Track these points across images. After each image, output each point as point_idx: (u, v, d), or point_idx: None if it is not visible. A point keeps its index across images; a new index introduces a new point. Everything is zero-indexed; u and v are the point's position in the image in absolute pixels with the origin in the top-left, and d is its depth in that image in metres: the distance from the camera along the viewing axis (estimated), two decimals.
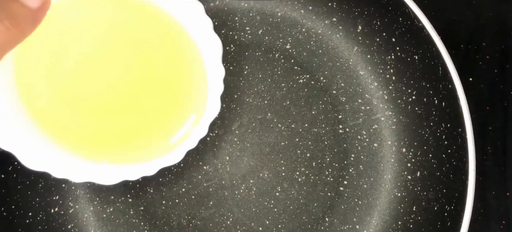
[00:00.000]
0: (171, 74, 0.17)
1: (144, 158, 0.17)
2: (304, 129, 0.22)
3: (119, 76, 0.17)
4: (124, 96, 0.17)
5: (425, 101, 0.21)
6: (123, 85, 0.17)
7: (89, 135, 0.17)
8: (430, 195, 0.20)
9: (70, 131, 0.17)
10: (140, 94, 0.17)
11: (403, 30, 0.20)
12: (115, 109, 0.17)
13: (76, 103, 0.16)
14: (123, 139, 0.17)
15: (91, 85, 0.16)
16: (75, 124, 0.16)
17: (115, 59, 0.16)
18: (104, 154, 0.17)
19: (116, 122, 0.17)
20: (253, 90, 0.22)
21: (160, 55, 0.17)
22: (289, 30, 0.22)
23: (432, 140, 0.21)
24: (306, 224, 0.21)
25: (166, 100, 0.17)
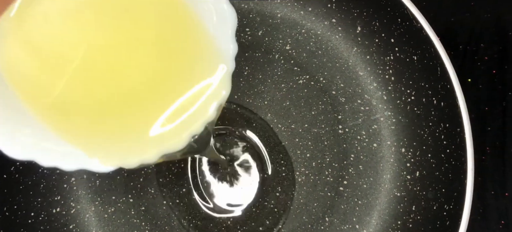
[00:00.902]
0: (176, 48, 0.15)
1: (146, 143, 0.14)
2: (304, 129, 0.22)
3: (121, 56, 0.14)
4: (126, 74, 0.14)
5: (424, 101, 0.21)
6: (124, 62, 0.14)
7: (84, 118, 0.14)
8: (429, 194, 0.20)
9: (63, 113, 0.14)
10: (143, 71, 0.14)
11: (402, 31, 0.20)
12: (113, 87, 0.14)
13: (70, 84, 0.14)
14: (123, 119, 0.15)
15: (89, 64, 0.14)
16: (70, 106, 0.14)
17: (117, 37, 0.14)
18: (100, 137, 0.14)
19: (114, 101, 0.14)
20: (253, 91, 0.22)
21: (161, 23, 0.14)
22: (289, 31, 0.23)
23: (431, 140, 0.21)
24: (306, 223, 0.21)
25: (170, 80, 0.15)
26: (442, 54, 0.19)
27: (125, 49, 0.14)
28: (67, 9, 0.14)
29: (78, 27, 0.14)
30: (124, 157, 0.14)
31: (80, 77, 0.14)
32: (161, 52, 0.15)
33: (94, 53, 0.14)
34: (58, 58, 0.14)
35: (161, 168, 0.21)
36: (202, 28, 0.14)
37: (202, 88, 0.14)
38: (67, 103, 0.14)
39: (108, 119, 0.15)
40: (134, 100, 0.15)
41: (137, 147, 0.14)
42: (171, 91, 0.15)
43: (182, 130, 0.14)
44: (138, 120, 0.15)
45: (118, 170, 0.21)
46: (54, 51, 0.14)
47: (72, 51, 0.14)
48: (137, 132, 0.14)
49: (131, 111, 0.15)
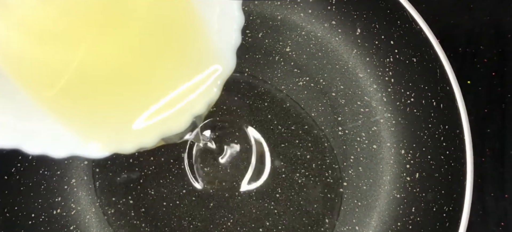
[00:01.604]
0: (177, 34, 0.14)
1: (145, 126, 0.13)
2: (304, 131, 0.22)
3: (122, 41, 0.13)
4: (122, 56, 0.13)
5: (424, 103, 0.21)
6: (125, 47, 0.13)
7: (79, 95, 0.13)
8: (428, 196, 0.20)
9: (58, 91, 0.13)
10: (139, 52, 0.13)
11: (402, 33, 0.21)
12: (111, 70, 0.13)
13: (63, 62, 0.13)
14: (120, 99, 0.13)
15: (87, 48, 0.13)
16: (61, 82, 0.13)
17: (116, 22, 0.13)
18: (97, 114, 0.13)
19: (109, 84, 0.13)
20: (253, 93, 0.22)
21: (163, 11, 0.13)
22: (289, 33, 0.23)
23: (430, 141, 0.21)
24: (306, 225, 0.21)
25: (171, 63, 0.14)
26: (442, 56, 0.19)
27: (125, 34, 0.13)
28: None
29: (76, 11, 0.13)
30: (121, 141, 0.13)
31: (77, 59, 0.13)
32: (162, 38, 0.14)
33: (92, 37, 0.13)
34: (54, 39, 0.13)
35: (161, 169, 0.22)
36: (206, 13, 0.13)
37: (206, 69, 0.13)
38: (64, 85, 0.13)
39: (105, 101, 0.14)
40: (134, 84, 0.14)
41: (135, 130, 0.13)
42: (172, 73, 0.14)
43: (185, 110, 0.13)
44: (138, 103, 0.13)
45: (118, 172, 0.21)
46: (49, 31, 0.13)
47: (70, 33, 0.13)
48: (136, 115, 0.13)
49: (130, 95, 0.14)
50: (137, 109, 0.13)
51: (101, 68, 0.13)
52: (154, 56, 0.14)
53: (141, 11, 0.14)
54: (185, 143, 0.22)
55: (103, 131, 0.13)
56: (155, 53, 0.14)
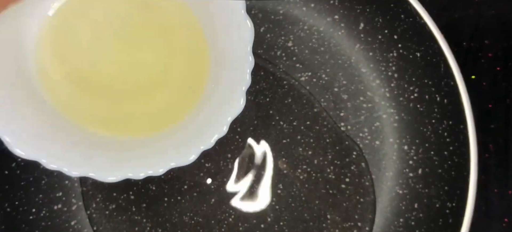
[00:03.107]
0: (189, 59, 0.15)
1: (154, 154, 0.14)
2: (306, 127, 0.22)
3: (138, 59, 0.15)
4: (141, 81, 0.15)
5: (427, 98, 0.21)
6: (141, 69, 0.15)
7: (102, 116, 0.15)
8: (431, 192, 0.20)
9: (82, 111, 0.14)
10: (157, 80, 0.15)
11: (405, 27, 0.20)
12: (130, 93, 0.15)
13: (91, 84, 0.15)
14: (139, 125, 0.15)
15: (107, 66, 0.15)
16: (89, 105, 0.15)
17: (133, 40, 0.15)
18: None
19: (132, 107, 0.15)
20: (254, 88, 0.22)
21: (180, 41, 0.15)
22: (291, 27, 0.22)
23: (434, 137, 0.21)
24: (307, 221, 0.21)
25: (182, 95, 0.15)
26: (446, 51, 0.19)
27: (146, 69, 0.15)
28: (99, 31, 0.14)
29: (106, 45, 0.14)
30: (132, 169, 0.14)
31: (105, 88, 0.15)
32: (180, 81, 0.15)
33: (119, 69, 0.15)
34: (87, 75, 0.15)
35: None
36: (217, 44, 0.14)
37: (218, 105, 0.14)
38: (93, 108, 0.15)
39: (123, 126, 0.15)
40: (147, 116, 0.15)
41: (146, 160, 0.14)
42: (186, 105, 0.15)
43: (195, 146, 0.14)
44: (150, 134, 0.15)
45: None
46: (83, 65, 0.15)
47: (100, 70, 0.15)
48: (148, 146, 0.15)
49: (143, 125, 0.15)
50: (152, 142, 0.15)
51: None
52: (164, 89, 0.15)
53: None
54: None
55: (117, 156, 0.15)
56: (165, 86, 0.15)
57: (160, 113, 0.15)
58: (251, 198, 0.21)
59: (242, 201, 0.21)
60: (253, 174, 0.22)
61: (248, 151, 0.22)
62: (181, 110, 0.15)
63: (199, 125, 0.15)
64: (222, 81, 0.14)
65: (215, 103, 0.14)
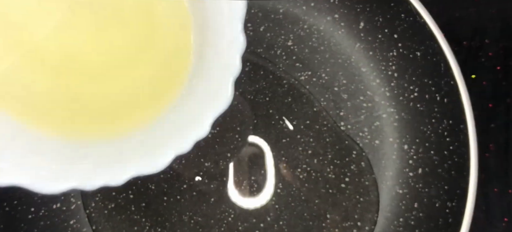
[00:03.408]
0: (169, 44, 0.12)
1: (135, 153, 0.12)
2: (305, 126, 0.22)
3: (108, 38, 0.12)
4: (111, 63, 0.12)
5: (427, 98, 0.21)
6: (111, 50, 0.12)
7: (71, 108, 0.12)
8: (431, 191, 0.20)
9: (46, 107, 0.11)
10: (134, 65, 0.12)
11: (405, 26, 0.20)
12: (101, 76, 0.12)
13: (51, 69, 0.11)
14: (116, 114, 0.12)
15: (70, 48, 0.11)
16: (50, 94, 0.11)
17: (108, 15, 0.11)
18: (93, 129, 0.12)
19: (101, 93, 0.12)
20: (254, 87, 0.22)
21: (159, 16, 0.12)
22: (291, 27, 0.22)
23: (434, 136, 0.21)
24: (307, 220, 0.21)
25: (159, 83, 0.12)
26: (446, 50, 0.19)
27: (112, 51, 0.12)
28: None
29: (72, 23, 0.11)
30: (82, 176, 0.11)
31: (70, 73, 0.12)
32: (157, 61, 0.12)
33: (86, 51, 0.12)
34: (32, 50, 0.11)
35: None
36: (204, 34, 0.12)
37: (201, 96, 0.12)
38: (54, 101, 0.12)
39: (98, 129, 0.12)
40: (124, 109, 0.12)
41: (105, 166, 0.12)
42: (168, 98, 0.12)
43: (170, 153, 0.11)
44: (125, 135, 0.12)
45: None
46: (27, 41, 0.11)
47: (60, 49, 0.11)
48: (123, 149, 0.12)
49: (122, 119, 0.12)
50: (126, 142, 0.12)
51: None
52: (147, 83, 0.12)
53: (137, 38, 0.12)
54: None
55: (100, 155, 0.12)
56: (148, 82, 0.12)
57: (130, 106, 0.12)
58: (251, 197, 0.21)
59: (242, 201, 0.21)
60: (253, 174, 0.22)
61: (247, 150, 0.22)
62: (155, 103, 0.12)
63: (175, 122, 0.12)
64: (206, 67, 0.11)
65: (197, 95, 0.11)
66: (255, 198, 0.21)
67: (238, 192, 0.21)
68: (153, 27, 0.12)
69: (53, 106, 0.12)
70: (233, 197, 0.21)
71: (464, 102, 0.19)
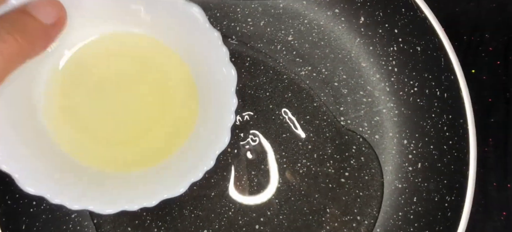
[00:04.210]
0: (180, 105, 0.17)
1: (148, 187, 0.17)
2: (305, 121, 0.22)
3: (135, 107, 0.17)
4: (138, 126, 0.17)
5: (427, 93, 0.21)
6: (138, 116, 0.17)
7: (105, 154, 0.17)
8: (431, 186, 0.20)
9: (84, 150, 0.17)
10: (151, 125, 0.17)
11: (406, 21, 0.20)
12: (128, 137, 0.17)
13: (95, 129, 0.17)
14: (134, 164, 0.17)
15: (109, 114, 0.17)
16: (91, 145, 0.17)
17: (133, 90, 0.17)
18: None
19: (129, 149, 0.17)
20: (254, 82, 0.22)
21: (173, 88, 0.17)
22: (291, 21, 0.22)
23: (433, 131, 0.21)
24: (307, 215, 0.21)
25: (175, 130, 0.17)
26: (446, 44, 0.19)
27: (143, 115, 0.17)
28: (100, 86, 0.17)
29: (111, 94, 0.17)
30: (127, 202, 0.16)
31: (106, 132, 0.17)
32: (171, 121, 0.17)
33: (120, 116, 0.17)
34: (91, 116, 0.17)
35: None
36: (211, 90, 0.16)
37: (206, 141, 0.16)
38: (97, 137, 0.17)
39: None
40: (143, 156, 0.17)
41: (140, 193, 0.16)
42: (175, 149, 0.17)
43: (184, 179, 0.16)
44: (143, 167, 0.17)
45: None
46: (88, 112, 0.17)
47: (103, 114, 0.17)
48: (143, 180, 0.17)
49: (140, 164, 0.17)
50: (144, 177, 0.17)
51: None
52: (159, 128, 0.17)
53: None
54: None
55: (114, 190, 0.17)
56: (160, 125, 0.17)
57: (154, 151, 0.17)
58: (251, 191, 0.21)
59: (242, 195, 0.21)
60: (253, 168, 0.22)
61: (248, 145, 0.22)
62: (172, 147, 0.17)
63: (189, 160, 0.16)
64: (209, 121, 0.16)
65: (203, 140, 0.16)
66: (255, 192, 0.21)
67: (238, 187, 0.21)
68: (165, 97, 0.17)
69: (98, 158, 0.17)
70: (234, 192, 0.21)
71: (464, 97, 0.19)
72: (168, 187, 0.16)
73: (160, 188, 0.16)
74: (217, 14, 0.22)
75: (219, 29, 0.23)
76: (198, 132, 0.17)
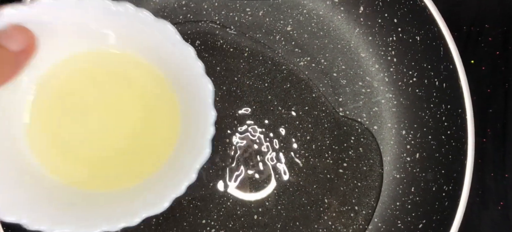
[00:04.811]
0: (161, 122, 0.17)
1: (130, 205, 0.16)
2: (304, 112, 0.22)
3: (116, 125, 0.17)
4: (119, 144, 0.17)
5: (426, 82, 0.21)
6: (119, 134, 0.17)
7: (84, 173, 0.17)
8: (428, 176, 0.20)
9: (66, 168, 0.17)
10: (132, 142, 0.17)
11: (405, 10, 0.20)
12: (110, 153, 0.17)
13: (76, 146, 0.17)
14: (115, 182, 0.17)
15: (90, 133, 0.17)
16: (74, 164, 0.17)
17: (112, 108, 0.17)
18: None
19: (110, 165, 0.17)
20: (253, 73, 0.22)
21: (153, 105, 0.17)
22: (290, 11, 0.22)
23: (432, 121, 0.21)
24: (305, 205, 0.21)
25: (156, 147, 0.17)
26: (446, 34, 0.19)
27: (122, 132, 0.17)
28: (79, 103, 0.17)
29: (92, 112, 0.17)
30: (107, 222, 0.15)
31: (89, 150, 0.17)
32: (152, 137, 0.17)
33: (100, 133, 0.17)
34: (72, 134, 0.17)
35: None
36: (188, 104, 0.16)
37: (187, 156, 0.16)
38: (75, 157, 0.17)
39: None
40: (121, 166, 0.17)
41: (123, 212, 0.16)
42: (156, 166, 0.17)
43: (167, 196, 0.15)
44: (124, 187, 0.17)
45: None
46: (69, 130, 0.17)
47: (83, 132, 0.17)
48: (125, 198, 0.16)
49: (122, 178, 0.17)
50: (128, 193, 0.16)
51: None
52: (138, 144, 0.17)
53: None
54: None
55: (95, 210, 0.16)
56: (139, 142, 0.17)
57: (136, 169, 0.17)
58: (250, 182, 0.22)
59: (240, 185, 0.21)
60: (251, 159, 0.22)
61: (246, 136, 0.22)
62: (154, 164, 0.17)
63: (171, 176, 0.16)
64: (190, 136, 0.16)
65: (185, 156, 0.16)
66: (254, 183, 0.22)
67: (236, 177, 0.21)
68: (146, 114, 0.17)
69: (80, 178, 0.17)
70: (232, 182, 0.21)
71: (463, 87, 0.19)
72: (150, 204, 0.15)
73: (142, 206, 0.15)
74: (215, 4, 0.22)
75: (217, 19, 0.23)
76: (179, 147, 0.17)
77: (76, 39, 0.16)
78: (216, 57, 0.22)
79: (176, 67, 0.16)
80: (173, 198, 0.15)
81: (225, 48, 0.22)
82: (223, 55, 0.22)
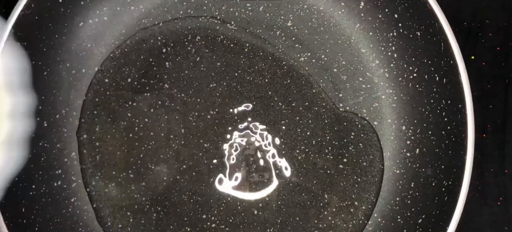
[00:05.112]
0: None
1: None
2: (304, 107, 0.22)
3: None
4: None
5: (426, 78, 0.21)
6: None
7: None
8: (428, 171, 0.20)
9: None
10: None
11: (406, 5, 0.20)
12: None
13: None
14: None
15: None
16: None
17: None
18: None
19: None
20: (253, 69, 0.22)
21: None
22: (291, 7, 0.22)
23: (432, 117, 0.21)
24: (305, 200, 0.21)
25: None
26: (446, 29, 0.19)
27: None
28: None
29: None
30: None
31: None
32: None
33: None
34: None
35: (161, 144, 0.21)
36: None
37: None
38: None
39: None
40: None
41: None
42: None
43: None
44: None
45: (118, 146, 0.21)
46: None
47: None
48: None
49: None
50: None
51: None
52: None
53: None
54: (186, 118, 0.22)
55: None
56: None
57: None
58: (250, 178, 0.22)
59: (241, 181, 0.22)
60: (252, 155, 0.22)
61: (246, 131, 0.22)
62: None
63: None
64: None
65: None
66: (254, 178, 0.22)
67: (237, 173, 0.22)
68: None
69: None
70: (232, 178, 0.22)
71: (463, 83, 0.19)
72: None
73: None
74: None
75: (217, 14, 0.23)
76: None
77: None
78: (216, 53, 0.22)
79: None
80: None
81: (225, 44, 0.22)
82: (224, 50, 0.22)
